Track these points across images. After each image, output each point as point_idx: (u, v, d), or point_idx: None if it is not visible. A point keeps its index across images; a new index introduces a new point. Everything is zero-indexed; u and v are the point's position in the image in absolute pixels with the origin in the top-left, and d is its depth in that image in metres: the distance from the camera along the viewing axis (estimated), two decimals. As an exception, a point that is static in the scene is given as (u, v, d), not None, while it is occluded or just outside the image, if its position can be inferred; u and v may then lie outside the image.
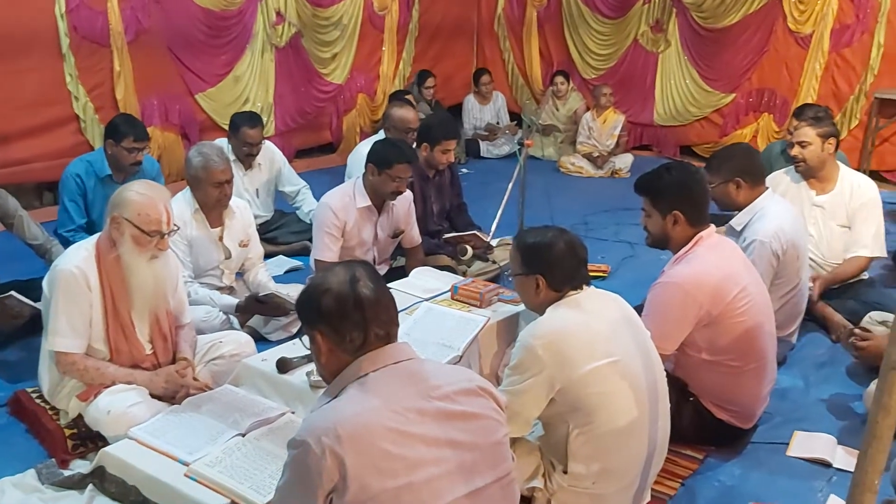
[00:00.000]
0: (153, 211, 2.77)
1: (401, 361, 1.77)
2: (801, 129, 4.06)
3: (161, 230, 2.80)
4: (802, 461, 2.98)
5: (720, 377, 2.94)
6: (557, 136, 8.04)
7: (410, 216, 4.08)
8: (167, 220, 2.82)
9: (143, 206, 2.76)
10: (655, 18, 7.85)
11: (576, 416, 2.41)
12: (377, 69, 7.91)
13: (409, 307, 3.27)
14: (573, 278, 2.52)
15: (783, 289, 3.53)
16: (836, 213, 4.07)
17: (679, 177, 2.97)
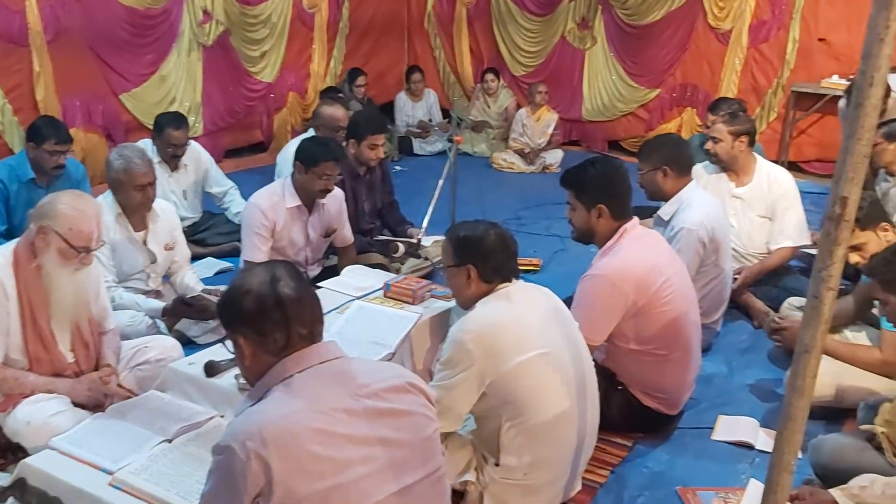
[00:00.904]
0: (85, 227, 2.71)
1: (327, 361, 1.76)
2: (716, 125, 4.23)
3: (90, 246, 2.74)
4: (727, 444, 3.08)
5: (647, 366, 3.01)
6: (489, 133, 8.09)
7: (342, 215, 4.06)
8: (97, 236, 2.76)
9: (74, 221, 2.70)
10: (581, 16, 7.97)
11: (507, 409, 2.44)
12: (308, 67, 7.84)
13: (341, 306, 3.25)
14: (503, 270, 2.56)
15: (707, 277, 3.64)
16: (754, 204, 4.22)
17: (603, 171, 3.03)
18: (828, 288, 1.63)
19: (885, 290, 2.65)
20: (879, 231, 3.21)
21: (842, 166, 1.54)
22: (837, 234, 1.59)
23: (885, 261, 2.67)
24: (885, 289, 2.65)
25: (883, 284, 2.66)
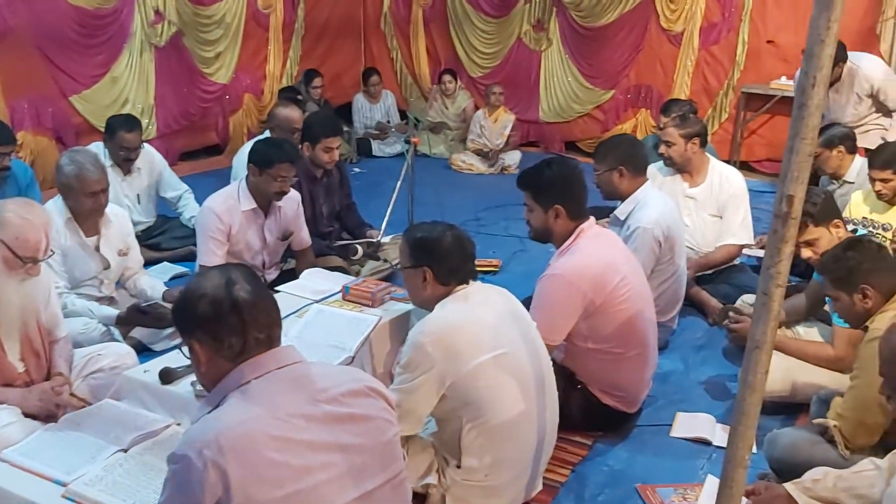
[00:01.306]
0: (32, 236, 2.64)
1: (285, 366, 1.73)
2: (668, 129, 4.29)
3: (36, 257, 2.68)
4: (685, 441, 3.12)
5: (605, 364, 3.04)
6: (448, 134, 8.11)
7: (299, 218, 4.02)
8: (45, 246, 2.69)
9: (21, 230, 2.63)
10: (537, 18, 8.02)
11: (468, 410, 2.44)
12: (263, 68, 7.77)
13: (300, 310, 3.23)
14: (460, 272, 2.56)
15: (663, 276, 3.69)
16: (707, 203, 4.29)
17: (559, 172, 3.06)
18: (776, 285, 1.66)
19: (836, 288, 2.71)
20: (832, 227, 3.27)
21: (787, 165, 1.58)
22: (785, 231, 1.62)
23: (835, 258, 2.73)
24: (835, 286, 2.71)
25: (833, 282, 2.72)
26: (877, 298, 2.61)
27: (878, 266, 2.64)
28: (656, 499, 2.71)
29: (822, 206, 3.28)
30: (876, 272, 2.62)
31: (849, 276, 2.65)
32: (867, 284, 2.61)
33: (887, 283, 2.62)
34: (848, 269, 2.65)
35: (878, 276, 2.62)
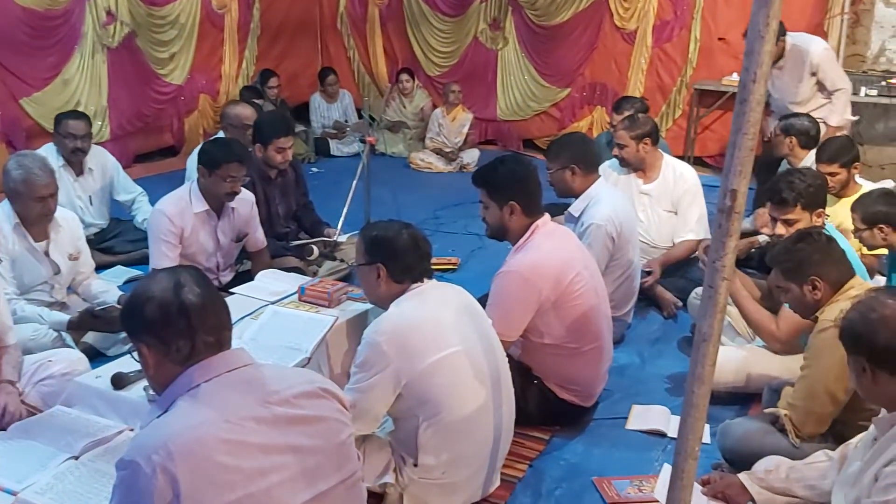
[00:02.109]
0: None
1: (235, 369, 1.72)
2: (618, 132, 4.35)
3: None
4: (640, 433, 3.16)
5: (561, 359, 3.07)
6: (406, 133, 8.11)
7: (253, 219, 3.99)
8: None
9: None
10: (493, 17, 8.05)
11: (424, 408, 2.45)
12: (219, 69, 7.69)
13: (255, 311, 3.20)
14: (414, 270, 2.57)
15: (617, 271, 3.74)
16: (661, 199, 4.36)
17: (513, 169, 3.08)
18: (722, 278, 1.69)
19: (786, 279, 2.75)
20: (815, 216, 3.30)
21: (730, 160, 1.61)
22: (729, 225, 1.65)
23: (786, 250, 2.77)
24: (786, 277, 2.76)
25: (784, 273, 2.76)
26: (826, 290, 2.66)
27: (827, 258, 2.69)
28: (612, 491, 2.74)
29: (816, 191, 3.30)
30: (825, 264, 2.67)
31: (799, 267, 2.69)
32: (816, 276, 2.66)
33: (836, 275, 2.67)
34: (798, 261, 2.70)
35: (826, 268, 2.67)
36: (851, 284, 2.66)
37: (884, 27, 6.66)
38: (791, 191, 3.25)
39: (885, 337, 1.88)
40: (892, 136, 6.84)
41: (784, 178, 3.32)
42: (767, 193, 3.34)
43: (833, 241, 2.79)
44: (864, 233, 3.45)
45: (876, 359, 1.90)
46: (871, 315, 1.92)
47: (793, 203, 3.24)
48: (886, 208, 3.42)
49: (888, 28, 6.64)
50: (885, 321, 1.89)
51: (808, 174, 3.36)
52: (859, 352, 1.94)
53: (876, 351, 1.89)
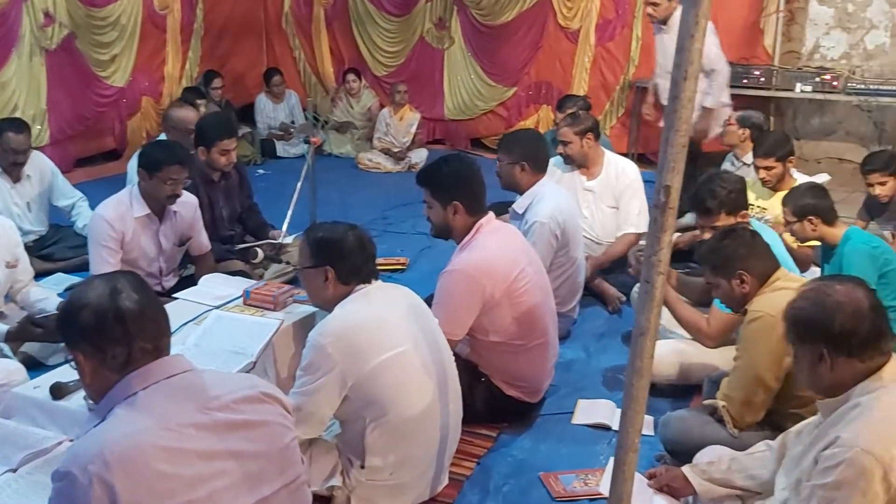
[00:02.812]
0: None
1: (174, 375, 1.69)
2: (562, 129, 4.41)
3: None
4: (586, 427, 3.20)
5: (507, 356, 3.10)
6: (354, 133, 8.08)
7: (196, 222, 3.93)
8: None
9: None
10: (438, 16, 8.07)
11: (371, 409, 2.45)
12: (162, 70, 7.56)
13: (199, 316, 3.15)
14: (362, 271, 2.57)
15: (561, 268, 3.79)
16: (604, 195, 4.42)
17: (456, 168, 3.10)
18: (658, 272, 1.72)
19: (715, 275, 2.82)
20: (739, 217, 3.40)
21: (664, 157, 1.64)
22: (663, 220, 1.68)
23: (713, 247, 2.85)
24: (714, 273, 2.83)
25: (712, 270, 2.83)
26: (753, 283, 2.73)
27: (752, 252, 2.76)
28: (559, 486, 2.77)
29: (736, 197, 3.40)
30: (750, 258, 2.75)
31: (726, 263, 2.77)
32: (743, 270, 2.73)
33: (761, 268, 2.75)
34: (725, 257, 2.77)
35: (752, 262, 2.75)
36: (777, 276, 2.75)
37: (817, 24, 6.85)
38: (714, 199, 3.36)
39: (842, 320, 1.91)
40: (827, 131, 7.05)
41: (706, 187, 3.40)
42: (691, 202, 3.42)
43: (757, 235, 2.87)
44: (794, 225, 3.55)
45: (834, 343, 1.92)
46: (825, 301, 1.95)
47: (716, 211, 3.36)
48: (815, 201, 3.53)
49: (822, 25, 6.84)
50: (839, 305, 1.93)
51: (727, 180, 3.46)
52: (815, 339, 1.94)
53: (833, 335, 1.92)
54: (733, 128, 4.76)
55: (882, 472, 1.77)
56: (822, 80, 6.42)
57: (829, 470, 1.83)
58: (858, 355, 1.91)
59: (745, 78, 6.55)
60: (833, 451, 1.84)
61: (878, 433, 1.81)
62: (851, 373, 1.93)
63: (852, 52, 6.79)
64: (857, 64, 6.71)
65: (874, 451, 1.78)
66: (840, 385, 1.95)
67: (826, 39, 6.87)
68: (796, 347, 2.02)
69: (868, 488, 1.77)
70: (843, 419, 1.90)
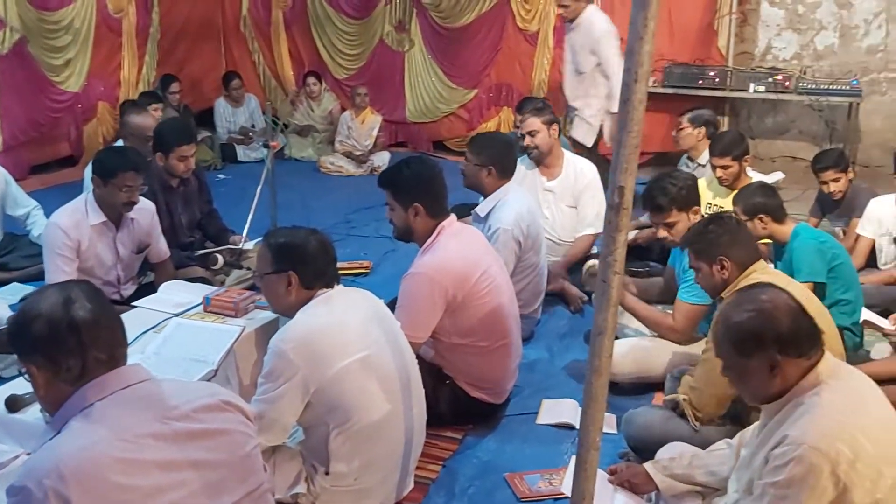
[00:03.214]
0: None
1: (130, 385, 1.67)
2: (528, 119, 4.43)
3: None
4: (551, 427, 3.22)
5: (471, 357, 3.11)
6: (315, 137, 8.05)
7: (154, 228, 3.88)
8: None
9: None
10: (398, 19, 8.07)
11: (334, 415, 2.43)
12: (118, 75, 7.47)
13: (158, 325, 3.11)
14: (325, 275, 2.56)
15: (525, 272, 3.81)
16: (564, 195, 4.46)
17: (417, 170, 3.10)
18: (614, 272, 1.74)
19: (697, 259, 2.88)
20: (691, 213, 3.45)
21: (617, 158, 1.66)
22: (618, 221, 1.70)
23: (698, 232, 2.92)
24: (696, 257, 2.88)
25: (695, 253, 2.89)
26: (733, 270, 2.79)
27: (735, 240, 2.83)
28: (524, 486, 2.79)
29: (687, 193, 3.45)
30: (733, 245, 2.81)
31: (709, 247, 2.83)
32: (725, 256, 2.79)
33: (743, 255, 2.81)
34: (709, 242, 2.83)
35: (734, 249, 2.81)
36: (755, 268, 2.81)
37: (769, 26, 6.99)
38: (665, 196, 3.40)
39: (785, 321, 1.94)
40: (781, 130, 7.19)
41: (657, 185, 3.45)
42: (643, 201, 3.48)
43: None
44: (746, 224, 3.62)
45: (784, 345, 1.93)
46: (762, 307, 1.97)
47: (668, 208, 3.40)
48: (764, 199, 3.60)
49: (773, 27, 6.98)
50: (776, 308, 1.96)
51: (678, 177, 3.51)
52: (765, 347, 1.94)
53: (782, 338, 1.93)
54: (687, 130, 4.81)
55: (830, 468, 1.81)
56: (775, 80, 6.55)
57: (780, 468, 1.87)
58: (805, 354, 1.95)
59: (700, 79, 6.68)
60: (782, 449, 1.87)
61: (823, 429, 1.85)
62: (797, 374, 1.95)
63: (803, 53, 6.94)
64: (807, 64, 6.86)
65: (821, 447, 1.82)
66: (787, 389, 1.97)
67: (778, 40, 7.01)
68: (741, 363, 1.99)
69: (817, 484, 1.81)
70: (789, 418, 1.93)
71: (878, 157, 6.52)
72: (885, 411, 1.96)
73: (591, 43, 5.26)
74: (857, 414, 1.89)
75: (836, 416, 1.88)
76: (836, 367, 1.99)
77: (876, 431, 1.86)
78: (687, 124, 4.75)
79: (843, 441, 1.82)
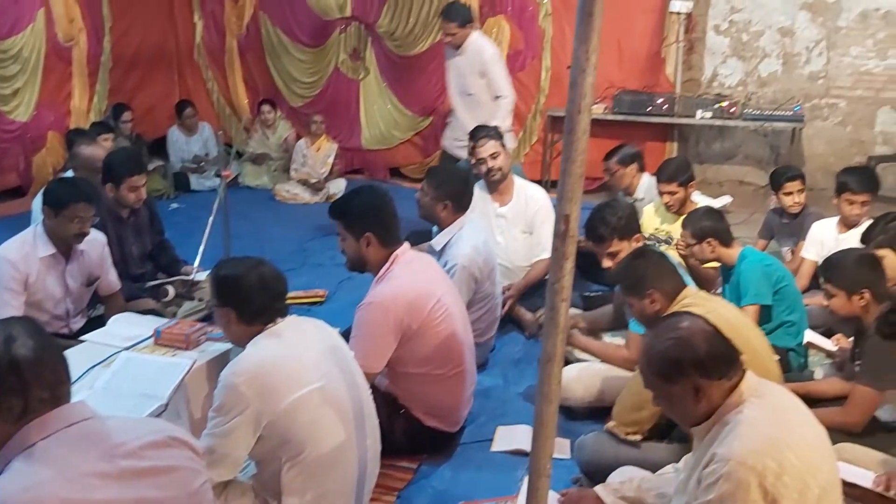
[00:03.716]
0: None
1: (74, 423, 1.65)
2: (488, 143, 4.47)
3: None
4: (505, 454, 3.23)
5: (426, 386, 3.11)
6: (271, 165, 8.02)
7: (105, 261, 3.82)
8: None
9: None
10: (353, 47, 8.10)
11: (287, 448, 2.41)
12: (68, 104, 7.36)
13: (107, 359, 3.05)
14: (265, 313, 2.51)
15: (481, 302, 3.85)
16: (517, 221, 4.52)
17: (368, 200, 3.11)
18: (561, 299, 1.77)
19: (628, 294, 2.94)
20: (633, 241, 3.54)
21: (562, 187, 1.70)
22: (564, 248, 1.73)
23: (625, 268, 2.98)
24: (627, 293, 2.94)
25: (626, 289, 2.95)
26: (662, 301, 2.86)
27: (661, 272, 2.91)
28: (478, 514, 2.79)
29: (627, 222, 3.55)
30: (660, 278, 2.89)
31: (638, 283, 2.90)
32: (654, 289, 2.86)
33: (670, 286, 2.89)
34: (637, 277, 2.90)
35: (662, 281, 2.89)
36: (685, 294, 2.88)
37: (715, 54, 7.18)
38: (605, 226, 3.51)
39: (703, 346, 2.00)
40: (728, 155, 7.36)
41: (597, 216, 3.56)
42: (585, 232, 3.56)
43: (664, 256, 3.02)
44: (694, 247, 3.71)
45: (705, 369, 1.98)
46: (680, 334, 2.03)
47: (609, 237, 3.51)
48: (712, 223, 3.69)
49: (719, 55, 7.18)
50: (693, 334, 2.02)
51: (616, 207, 3.61)
52: (687, 372, 1.99)
53: (702, 362, 1.98)
54: (620, 171, 4.84)
55: (758, 481, 1.85)
56: (721, 106, 6.70)
57: (710, 487, 1.91)
58: (726, 375, 2.00)
59: (649, 106, 6.81)
60: (711, 468, 1.92)
61: (748, 445, 1.90)
62: (721, 395, 2.01)
63: (748, 80, 7.14)
64: (752, 90, 7.06)
65: (748, 462, 1.87)
66: (713, 410, 2.02)
67: (723, 68, 7.21)
68: (667, 390, 2.04)
69: (747, 498, 1.86)
70: (717, 438, 1.98)
71: (821, 181, 6.70)
72: (807, 426, 2.02)
73: (480, 65, 5.53)
74: (780, 428, 1.95)
75: (761, 431, 1.93)
76: (757, 385, 2.04)
77: (800, 445, 1.92)
78: (617, 166, 4.81)
79: (769, 455, 1.87)
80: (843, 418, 2.78)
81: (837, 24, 6.79)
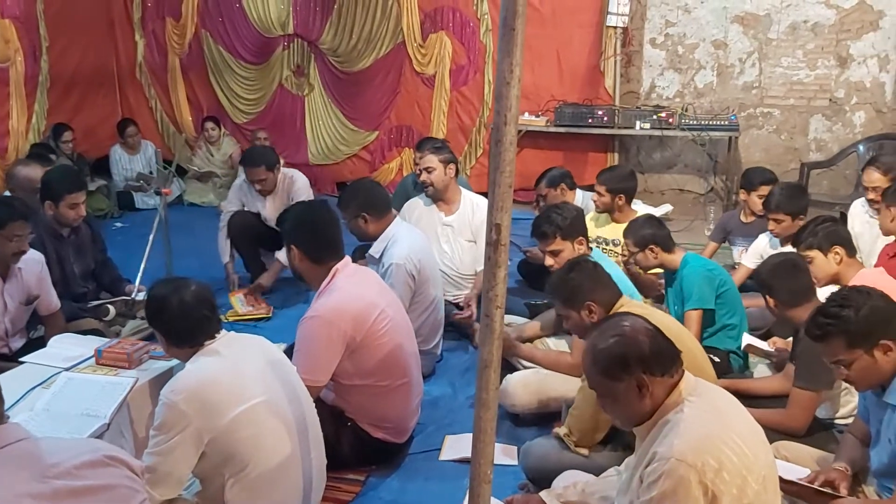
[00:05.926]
0: None
1: (7, 445, 1.63)
2: (426, 156, 4.52)
3: None
4: (454, 463, 3.24)
5: (372, 398, 3.12)
6: (216, 182, 7.95)
7: (43, 280, 3.75)
8: None
9: None
10: (297, 63, 8.11)
11: (230, 464, 2.40)
12: (6, 125, 7.20)
13: (47, 380, 3.01)
14: (193, 335, 2.50)
15: (422, 306, 3.86)
16: (462, 230, 4.56)
17: (298, 214, 3.16)
18: (496, 307, 1.81)
19: (565, 307, 2.97)
20: (576, 244, 3.60)
21: (492, 197, 1.74)
22: (497, 257, 1.76)
23: (561, 280, 2.99)
24: (564, 305, 2.97)
25: (562, 302, 2.98)
26: (600, 311, 2.89)
27: (597, 283, 2.94)
28: (425, 524, 2.80)
29: (572, 222, 3.62)
30: (596, 289, 2.92)
31: (574, 295, 2.92)
32: (591, 300, 2.89)
33: (607, 297, 2.93)
34: (572, 289, 2.93)
35: (598, 292, 2.92)
36: (621, 303, 2.92)
37: (652, 66, 7.35)
38: (550, 224, 3.60)
39: (646, 342, 2.05)
40: (668, 164, 7.53)
41: (544, 215, 3.69)
42: (531, 229, 3.65)
43: (599, 266, 3.05)
44: (638, 255, 3.79)
45: (649, 365, 2.03)
46: (623, 332, 2.08)
47: (552, 235, 3.58)
48: (653, 231, 3.78)
49: (656, 67, 7.35)
50: (636, 331, 2.08)
51: (564, 208, 3.71)
52: (631, 369, 2.03)
53: (646, 358, 2.03)
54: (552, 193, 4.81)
55: (697, 478, 1.90)
56: (659, 117, 6.86)
57: (652, 485, 1.96)
58: (668, 372, 2.05)
59: (589, 117, 6.94)
60: (653, 466, 1.97)
61: (687, 442, 1.95)
62: (663, 392, 2.06)
63: (685, 91, 7.32)
64: (689, 101, 7.24)
65: (687, 459, 1.92)
66: (656, 408, 2.06)
67: (661, 80, 7.37)
68: (612, 388, 2.07)
69: (688, 494, 1.91)
70: (658, 436, 2.03)
71: (758, 188, 6.88)
72: (744, 423, 2.08)
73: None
74: (718, 426, 2.00)
75: (700, 429, 1.98)
76: (696, 385, 2.10)
77: (737, 441, 1.97)
78: (547, 189, 4.91)
79: (708, 452, 1.93)
80: (786, 422, 2.84)
81: (768, 37, 7.01)
